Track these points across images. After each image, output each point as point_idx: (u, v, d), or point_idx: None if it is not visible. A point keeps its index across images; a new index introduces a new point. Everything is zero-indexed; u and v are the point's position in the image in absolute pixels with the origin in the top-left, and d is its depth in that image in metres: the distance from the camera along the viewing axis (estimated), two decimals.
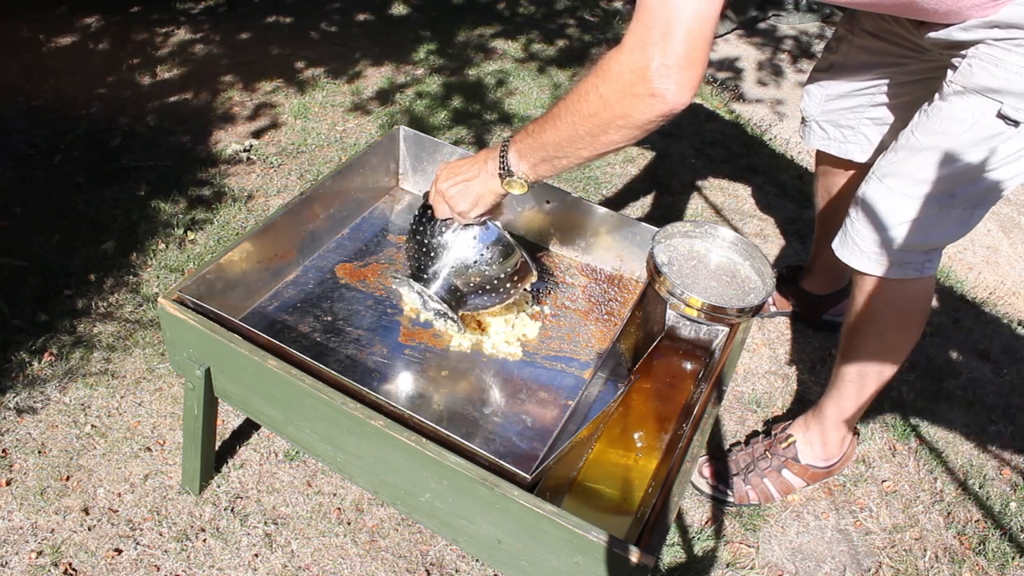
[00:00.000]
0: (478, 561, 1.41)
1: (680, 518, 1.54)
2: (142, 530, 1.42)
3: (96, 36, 3.05)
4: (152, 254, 2.01)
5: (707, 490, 1.57)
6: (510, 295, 1.25)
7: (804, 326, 2.02)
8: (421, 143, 1.61)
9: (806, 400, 1.82)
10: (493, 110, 2.85)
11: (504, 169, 1.09)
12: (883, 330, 1.38)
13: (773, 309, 2.03)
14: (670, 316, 1.31)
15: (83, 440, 1.56)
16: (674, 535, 1.50)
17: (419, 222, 1.23)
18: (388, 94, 2.87)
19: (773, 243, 2.35)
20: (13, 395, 1.62)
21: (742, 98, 3.32)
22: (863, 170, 1.61)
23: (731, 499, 1.56)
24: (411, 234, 1.25)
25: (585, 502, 1.15)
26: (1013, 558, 1.52)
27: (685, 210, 2.45)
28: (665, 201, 2.47)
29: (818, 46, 3.80)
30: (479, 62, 3.18)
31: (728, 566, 1.47)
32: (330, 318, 1.34)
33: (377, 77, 2.99)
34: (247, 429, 1.61)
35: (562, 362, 1.32)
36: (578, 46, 3.42)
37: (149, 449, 1.56)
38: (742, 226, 2.40)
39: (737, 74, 3.54)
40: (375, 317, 1.36)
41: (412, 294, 1.33)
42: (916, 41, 1.31)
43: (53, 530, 1.41)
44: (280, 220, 1.36)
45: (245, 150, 2.47)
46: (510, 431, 1.20)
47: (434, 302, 1.23)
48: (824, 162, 1.72)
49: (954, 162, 1.17)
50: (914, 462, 1.71)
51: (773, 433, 1.64)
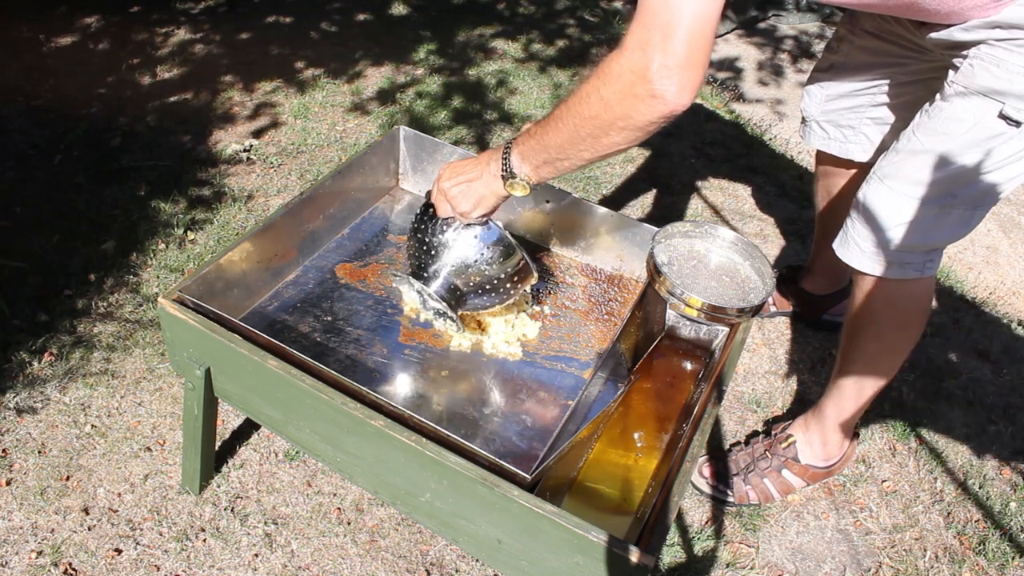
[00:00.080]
0: (478, 561, 1.41)
1: (680, 518, 1.54)
2: (142, 530, 1.42)
3: (96, 36, 3.05)
4: (152, 254, 2.01)
5: (707, 490, 1.57)
6: (510, 295, 1.25)
7: (804, 326, 2.02)
8: (421, 143, 1.61)
9: (806, 400, 1.82)
10: (493, 110, 2.85)
11: (507, 171, 1.09)
12: (884, 330, 1.38)
13: (773, 309, 2.03)
14: (670, 316, 1.31)
15: (83, 440, 1.56)
16: (674, 535, 1.50)
17: (420, 220, 1.23)
18: (388, 94, 2.87)
19: (773, 243, 2.35)
20: (13, 395, 1.62)
21: (742, 98, 3.32)
22: (863, 170, 1.61)
23: (731, 499, 1.56)
24: (412, 232, 1.25)
25: (585, 502, 1.15)
26: (1013, 558, 1.52)
27: (685, 210, 2.45)
28: (665, 201, 2.47)
29: (818, 46, 3.80)
30: (479, 62, 3.18)
31: (728, 566, 1.47)
32: (330, 318, 1.34)
33: (377, 77, 2.99)
34: (247, 429, 1.61)
35: (562, 362, 1.32)
36: (578, 46, 3.42)
37: (149, 449, 1.56)
38: (742, 226, 2.40)
39: (737, 74, 3.54)
40: (375, 317, 1.36)
41: (412, 293, 1.33)
42: (917, 41, 1.31)
43: (53, 530, 1.41)
44: (280, 220, 1.36)
45: (245, 150, 2.47)
46: (510, 431, 1.20)
47: (434, 301, 1.23)
48: (824, 162, 1.72)
49: (955, 162, 1.17)
50: (914, 462, 1.71)
51: (773, 433, 1.64)
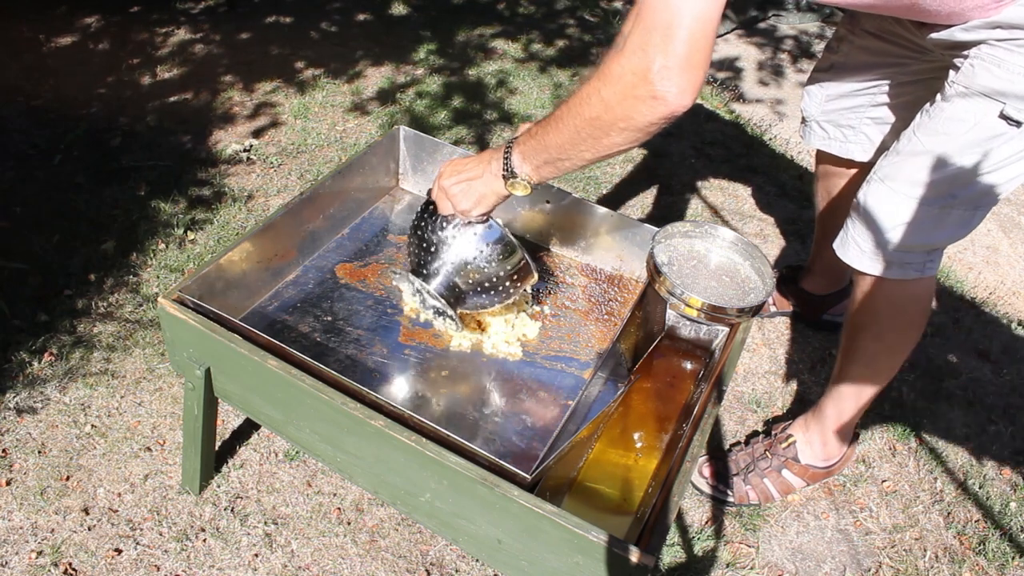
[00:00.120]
0: (478, 561, 1.41)
1: (680, 518, 1.54)
2: (142, 530, 1.42)
3: (96, 36, 3.05)
4: (152, 254, 2.01)
5: (707, 490, 1.57)
6: (510, 295, 1.25)
7: (804, 326, 2.02)
8: (421, 143, 1.61)
9: (806, 400, 1.82)
10: (493, 110, 2.85)
11: (508, 170, 1.09)
12: (884, 330, 1.38)
13: (773, 309, 2.03)
14: (670, 316, 1.31)
15: (83, 440, 1.56)
16: (674, 535, 1.50)
17: (421, 217, 1.23)
18: (388, 94, 2.87)
19: (773, 243, 2.35)
20: (13, 395, 1.62)
21: (742, 98, 3.32)
22: (864, 170, 1.61)
23: (731, 499, 1.56)
24: (412, 230, 1.25)
25: (585, 502, 1.15)
26: (1013, 558, 1.52)
27: (685, 210, 2.45)
28: (665, 201, 2.47)
29: (818, 46, 3.80)
30: (479, 62, 3.18)
31: (728, 566, 1.47)
32: (330, 318, 1.34)
33: (377, 77, 2.99)
34: (247, 429, 1.61)
35: (562, 362, 1.32)
36: (578, 46, 3.42)
37: (149, 449, 1.56)
38: (742, 226, 2.40)
39: (737, 74, 3.54)
40: (375, 317, 1.36)
41: (410, 291, 1.33)
42: (917, 41, 1.31)
43: (53, 530, 1.41)
44: (280, 220, 1.36)
45: (245, 150, 2.47)
46: (510, 431, 1.20)
47: (432, 298, 1.23)
48: (824, 162, 1.72)
49: (955, 163, 1.17)
50: (914, 462, 1.71)
51: (773, 433, 1.64)
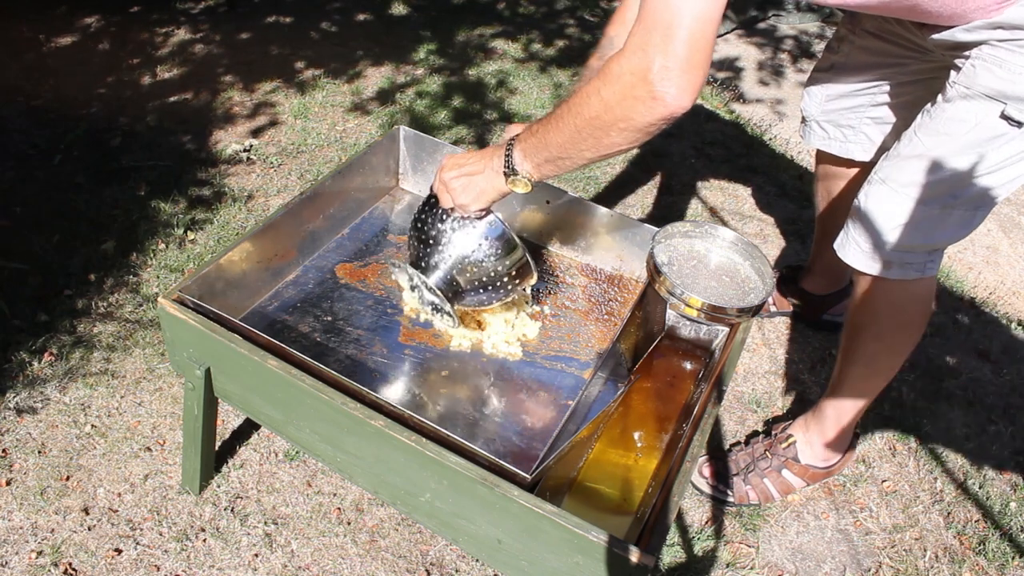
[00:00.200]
0: (478, 561, 1.41)
1: (680, 518, 1.54)
2: (142, 530, 1.42)
3: (96, 36, 3.05)
4: (152, 254, 2.01)
5: (707, 490, 1.57)
6: (508, 293, 1.25)
7: (804, 326, 2.02)
8: (421, 143, 1.61)
9: (806, 400, 1.82)
10: (493, 110, 2.85)
11: (509, 168, 1.09)
12: (884, 330, 1.38)
13: (773, 309, 2.03)
14: (670, 316, 1.31)
15: (83, 440, 1.56)
16: (674, 535, 1.50)
17: (422, 211, 1.23)
18: (388, 94, 2.87)
19: (773, 243, 2.35)
20: (13, 395, 1.62)
21: (742, 98, 3.32)
22: (864, 170, 1.61)
23: (731, 499, 1.56)
24: (413, 222, 1.25)
25: (585, 502, 1.15)
26: (1013, 558, 1.52)
27: (685, 210, 2.45)
28: (665, 201, 2.47)
29: (818, 46, 3.80)
30: (479, 62, 3.18)
31: (728, 566, 1.47)
32: (330, 318, 1.34)
33: (377, 77, 2.99)
34: (247, 429, 1.61)
35: (562, 362, 1.32)
36: (578, 46, 3.42)
37: (149, 449, 1.56)
38: (742, 226, 2.40)
39: (737, 74, 3.54)
40: (375, 317, 1.36)
41: (408, 283, 1.32)
42: (918, 42, 1.31)
43: (53, 530, 1.41)
44: (280, 220, 1.36)
45: (245, 150, 2.47)
46: (510, 431, 1.20)
47: (430, 293, 1.23)
48: (824, 162, 1.72)
49: (957, 163, 1.17)
50: (914, 462, 1.71)
51: (773, 433, 1.64)
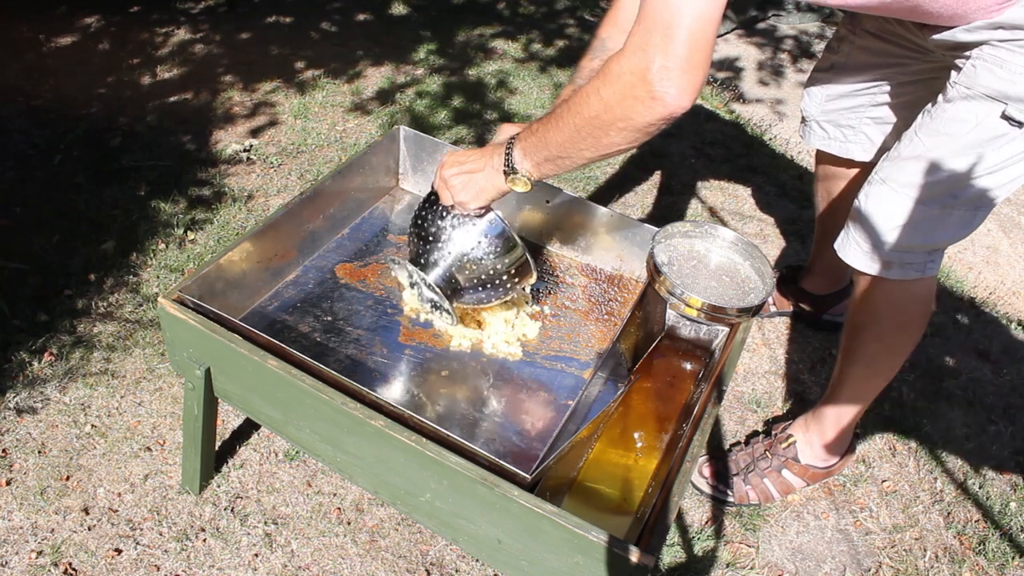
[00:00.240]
0: (478, 561, 1.41)
1: (680, 518, 1.54)
2: (142, 530, 1.42)
3: (96, 36, 3.05)
4: (152, 254, 2.01)
5: (707, 490, 1.57)
6: (508, 291, 1.25)
7: (804, 326, 2.02)
8: (421, 143, 1.61)
9: (806, 400, 1.82)
10: (493, 110, 2.85)
11: (509, 166, 1.09)
12: (884, 330, 1.38)
13: (773, 309, 2.03)
14: (670, 316, 1.31)
15: (83, 440, 1.56)
16: (674, 535, 1.50)
17: (422, 208, 1.23)
18: (388, 94, 2.87)
19: (773, 243, 2.35)
20: (13, 395, 1.62)
21: (742, 98, 3.32)
22: (864, 170, 1.61)
23: (731, 499, 1.56)
24: (414, 219, 1.25)
25: (585, 502, 1.15)
26: (1013, 558, 1.52)
27: (685, 210, 2.45)
28: (665, 201, 2.47)
29: (818, 46, 3.80)
30: (479, 62, 3.18)
31: (728, 566, 1.47)
32: (330, 318, 1.34)
33: (377, 77, 2.99)
34: (247, 429, 1.61)
35: (562, 362, 1.32)
36: (578, 46, 3.42)
37: (149, 449, 1.56)
38: (742, 226, 2.40)
39: (737, 74, 3.54)
40: (375, 317, 1.36)
41: (407, 280, 1.32)
42: (918, 42, 1.31)
43: (53, 530, 1.41)
44: (280, 220, 1.36)
45: (245, 150, 2.47)
46: (510, 431, 1.20)
47: (429, 290, 1.23)
48: (824, 162, 1.72)
49: (957, 163, 1.17)
50: (914, 462, 1.71)
51: (773, 433, 1.64)
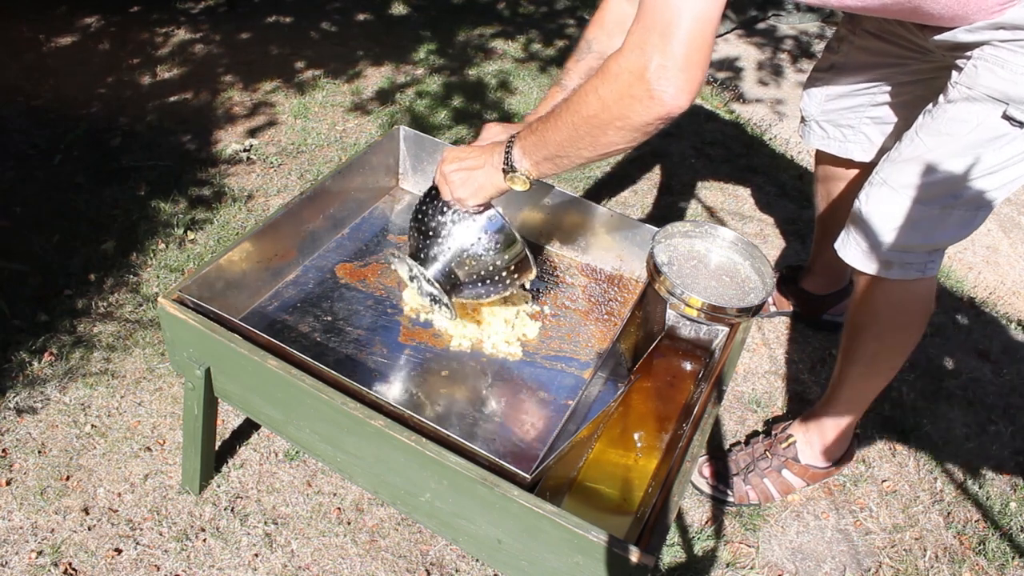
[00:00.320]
0: (478, 561, 1.42)
1: (680, 518, 1.54)
2: (142, 530, 1.42)
3: (96, 36, 3.05)
4: (152, 254, 2.01)
5: (707, 490, 1.57)
6: (507, 287, 1.25)
7: (804, 326, 2.02)
8: (421, 143, 1.61)
9: (806, 400, 1.82)
10: (493, 110, 2.85)
11: (508, 165, 1.09)
12: (884, 330, 1.38)
13: (773, 309, 2.03)
14: (670, 316, 1.31)
15: (83, 440, 1.56)
16: (674, 535, 1.50)
17: (423, 203, 1.23)
18: (388, 94, 2.87)
19: (773, 243, 2.35)
20: (13, 395, 1.62)
21: (742, 98, 3.32)
22: (864, 170, 1.61)
23: (731, 499, 1.56)
24: (414, 214, 1.25)
25: (585, 502, 1.15)
26: (1013, 558, 1.52)
27: (685, 210, 2.45)
28: (665, 201, 2.47)
29: (818, 46, 3.80)
30: (479, 62, 3.18)
31: (728, 566, 1.47)
32: (330, 318, 1.34)
33: (377, 77, 2.99)
34: (247, 429, 1.61)
35: (562, 362, 1.32)
36: None
37: (149, 449, 1.56)
38: (742, 226, 2.40)
39: (737, 74, 3.54)
40: (375, 317, 1.36)
41: (407, 274, 1.32)
42: (918, 42, 1.31)
43: (53, 530, 1.41)
44: (280, 220, 1.36)
45: (245, 150, 2.47)
46: (510, 431, 1.20)
47: (428, 284, 1.23)
48: (824, 162, 1.72)
49: (958, 163, 1.17)
50: (914, 462, 1.71)
51: (773, 433, 1.64)
